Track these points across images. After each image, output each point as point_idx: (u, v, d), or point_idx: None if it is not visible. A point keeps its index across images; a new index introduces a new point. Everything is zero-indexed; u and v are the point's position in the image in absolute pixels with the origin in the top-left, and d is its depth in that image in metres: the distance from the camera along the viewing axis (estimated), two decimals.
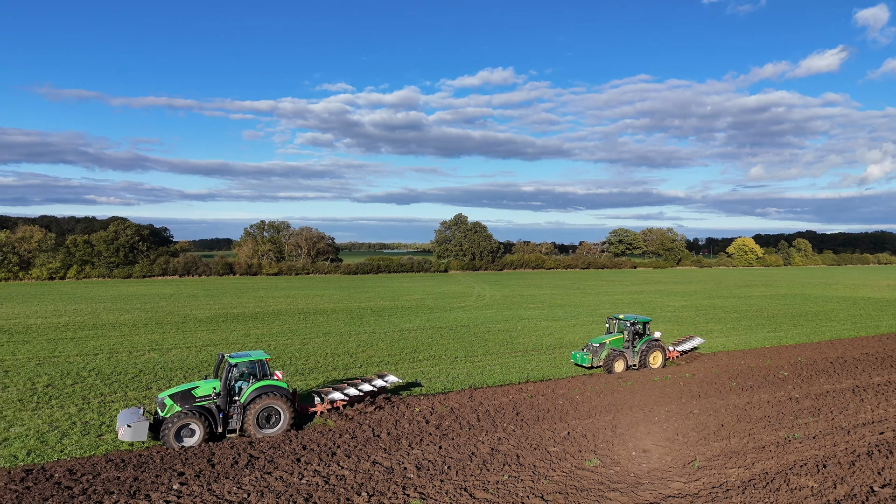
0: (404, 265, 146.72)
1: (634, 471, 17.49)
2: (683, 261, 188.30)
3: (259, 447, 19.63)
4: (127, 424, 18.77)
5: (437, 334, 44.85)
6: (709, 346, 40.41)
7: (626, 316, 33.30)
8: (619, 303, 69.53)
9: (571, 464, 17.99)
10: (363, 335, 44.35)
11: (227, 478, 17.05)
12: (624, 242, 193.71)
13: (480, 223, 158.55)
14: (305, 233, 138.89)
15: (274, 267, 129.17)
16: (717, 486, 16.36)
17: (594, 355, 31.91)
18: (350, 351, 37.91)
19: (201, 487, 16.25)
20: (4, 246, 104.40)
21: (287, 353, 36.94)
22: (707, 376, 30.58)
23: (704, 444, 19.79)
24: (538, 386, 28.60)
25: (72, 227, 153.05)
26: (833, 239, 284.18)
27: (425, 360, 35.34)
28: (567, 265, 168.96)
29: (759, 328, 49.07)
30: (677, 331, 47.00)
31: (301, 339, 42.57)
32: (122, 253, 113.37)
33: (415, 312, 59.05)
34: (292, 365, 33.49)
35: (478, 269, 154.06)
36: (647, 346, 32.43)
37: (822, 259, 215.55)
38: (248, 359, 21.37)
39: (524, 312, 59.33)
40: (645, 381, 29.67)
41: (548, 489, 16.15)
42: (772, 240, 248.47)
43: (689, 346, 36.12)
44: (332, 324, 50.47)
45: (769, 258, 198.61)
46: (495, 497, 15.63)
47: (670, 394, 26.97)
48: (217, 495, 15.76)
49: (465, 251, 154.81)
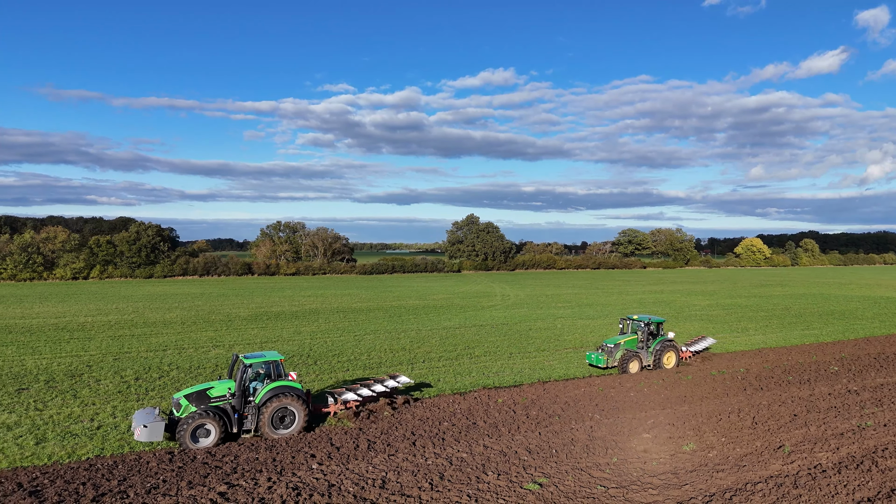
0: (418, 265, 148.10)
1: (731, 454, 18.86)
2: (692, 261, 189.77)
3: (370, 433, 21.01)
4: (143, 425, 18.78)
5: (482, 332, 46.21)
6: (749, 342, 41.81)
7: (640, 316, 33.36)
8: (645, 302, 70.92)
9: (672, 447, 19.37)
10: (410, 332, 45.71)
11: (356, 459, 18.44)
12: (633, 243, 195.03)
13: (493, 223, 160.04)
14: (322, 233, 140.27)
15: (291, 267, 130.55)
16: (812, 467, 17.72)
17: (609, 356, 31.93)
18: (405, 347, 39.26)
19: (340, 466, 17.63)
20: (29, 246, 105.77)
21: (346, 349, 38.29)
22: (761, 371, 31.96)
23: (786, 432, 21.16)
24: (604, 380, 29.99)
25: (80, 228, 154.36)
26: (836, 239, 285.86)
27: (482, 355, 36.70)
28: (578, 265, 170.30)
29: (792, 326, 50.45)
30: (712, 329, 48.40)
31: (353, 336, 43.93)
32: (144, 253, 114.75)
33: (449, 311, 60.41)
34: (357, 360, 34.84)
35: (490, 270, 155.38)
36: (662, 347, 32.50)
37: (828, 259, 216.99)
38: (262, 359, 21.40)
39: (556, 311, 60.70)
40: (703, 375, 31.04)
41: (657, 470, 17.52)
42: (775, 240, 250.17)
43: (702, 347, 36.11)
44: (373, 322, 51.82)
45: (776, 258, 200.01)
46: (613, 476, 17.01)
47: (733, 387, 28.34)
48: (357, 473, 17.13)
49: (477, 251, 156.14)
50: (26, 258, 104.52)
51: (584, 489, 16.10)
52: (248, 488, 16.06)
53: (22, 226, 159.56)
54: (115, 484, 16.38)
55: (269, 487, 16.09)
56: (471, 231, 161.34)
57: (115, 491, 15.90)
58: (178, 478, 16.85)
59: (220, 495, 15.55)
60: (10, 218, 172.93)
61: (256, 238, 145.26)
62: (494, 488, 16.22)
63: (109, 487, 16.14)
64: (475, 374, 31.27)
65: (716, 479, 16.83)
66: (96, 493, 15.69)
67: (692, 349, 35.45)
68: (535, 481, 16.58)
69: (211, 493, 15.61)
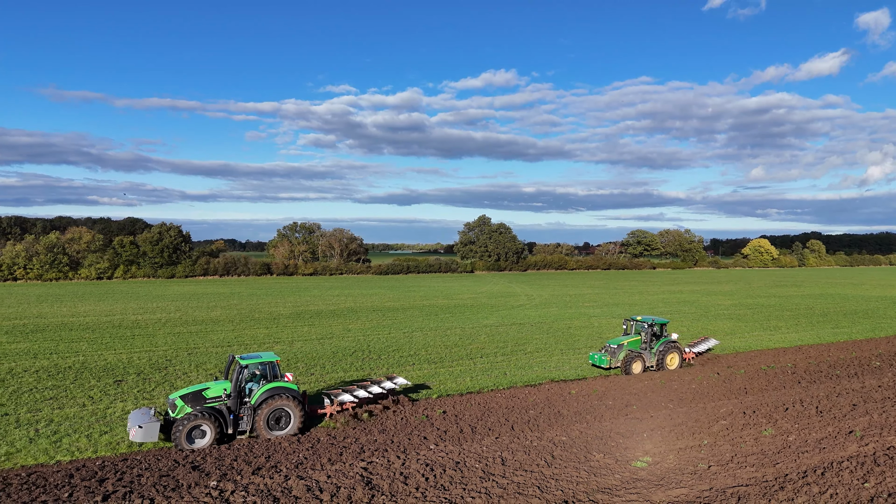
0: (432, 265, 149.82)
1: (808, 438, 20.57)
2: (700, 262, 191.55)
3: (463, 420, 22.72)
4: (138, 425, 18.78)
5: (524, 330, 47.93)
6: (785, 340, 43.55)
7: (643, 318, 33.56)
8: (669, 302, 72.65)
9: (753, 432, 21.09)
10: (454, 330, 47.42)
11: (465, 441, 20.15)
12: (642, 244, 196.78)
13: (505, 224, 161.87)
14: (338, 234, 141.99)
15: (309, 267, 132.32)
16: (886, 448, 19.40)
17: (612, 356, 32.07)
18: (456, 343, 40.96)
19: (456, 447, 19.35)
20: (55, 247, 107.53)
21: (402, 345, 39.97)
22: (808, 367, 33.69)
23: (851, 419, 22.87)
24: (662, 374, 31.73)
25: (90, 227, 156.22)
26: (838, 240, 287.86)
27: (534, 352, 38.41)
28: (588, 266, 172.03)
29: (821, 325, 52.18)
30: (744, 328, 50.15)
31: (402, 332, 45.65)
32: (167, 254, 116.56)
33: (481, 310, 62.11)
34: (418, 355, 36.53)
35: (502, 270, 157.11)
36: (665, 348, 32.65)
37: (834, 260, 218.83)
38: (258, 360, 21.30)
39: (587, 310, 62.42)
40: (754, 370, 32.77)
41: (747, 451, 19.23)
42: (778, 240, 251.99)
43: (705, 348, 36.31)
44: (414, 320, 53.52)
45: (784, 259, 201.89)
46: (710, 455, 18.72)
47: (787, 380, 30.07)
48: (475, 453, 18.84)
49: (490, 252, 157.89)
50: (52, 258, 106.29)
51: (688, 466, 17.81)
52: (384, 464, 17.78)
53: (31, 226, 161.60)
54: (264, 460, 18.13)
55: (404, 463, 17.81)
56: (483, 232, 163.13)
57: (268, 466, 17.64)
58: (316, 455, 18.58)
59: (363, 469, 17.27)
60: (20, 219, 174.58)
61: (273, 239, 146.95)
62: (605, 465, 17.93)
63: (259, 464, 17.88)
64: (537, 369, 33.00)
65: (803, 458, 18.52)
66: (252, 469, 17.43)
67: (695, 350, 35.53)
68: (641, 460, 18.29)
69: (355, 468, 17.33)
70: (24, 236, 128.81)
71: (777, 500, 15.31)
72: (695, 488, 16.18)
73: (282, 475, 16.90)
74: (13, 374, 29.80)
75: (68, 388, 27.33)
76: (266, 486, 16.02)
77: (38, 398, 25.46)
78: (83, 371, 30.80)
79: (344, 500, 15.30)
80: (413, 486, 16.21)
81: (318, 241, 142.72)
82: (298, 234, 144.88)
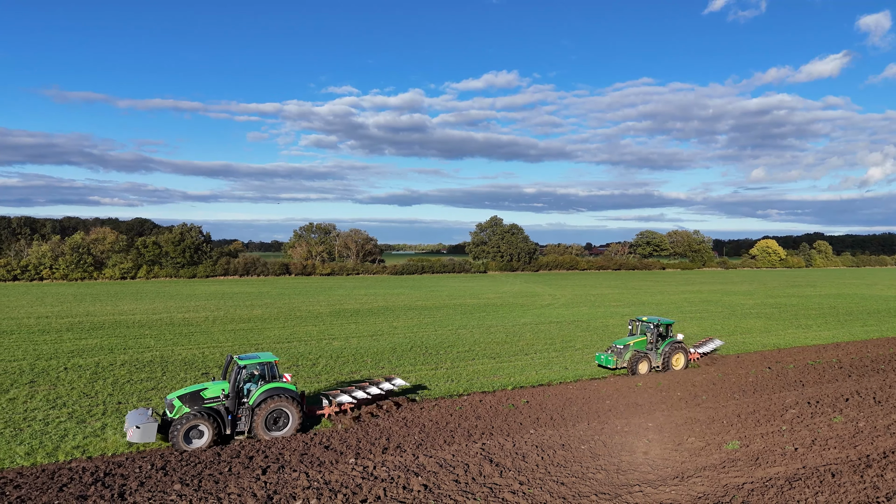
0: (445, 266, 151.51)
1: (877, 424, 22.16)
2: (708, 262, 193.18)
3: (525, 412, 24.32)
4: (136, 426, 18.81)
5: (565, 328, 49.54)
6: (820, 338, 45.17)
7: (649, 318, 33.75)
8: (693, 301, 74.25)
9: (823, 420, 22.69)
10: (496, 327, 49.01)
11: (534, 430, 21.75)
12: (651, 244, 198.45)
13: (517, 225, 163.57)
14: (355, 234, 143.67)
15: (326, 267, 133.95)
16: None
17: (618, 357, 32.30)
18: (503, 340, 42.53)
19: (557, 430, 20.95)
20: (80, 247, 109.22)
21: (456, 341, 41.56)
22: (852, 361, 35.31)
23: None
24: (718, 368, 33.36)
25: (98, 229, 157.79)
26: (841, 241, 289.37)
27: (583, 348, 39.97)
28: (599, 266, 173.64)
29: (850, 323, 53.81)
30: (775, 326, 51.75)
31: (447, 330, 47.24)
32: (188, 254, 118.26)
33: (513, 309, 63.71)
34: (473, 350, 38.10)
35: (515, 270, 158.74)
36: (671, 348, 32.81)
37: (841, 261, 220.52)
38: (256, 360, 21.26)
39: (619, 310, 64.01)
40: (803, 364, 34.38)
41: (827, 434, 20.83)
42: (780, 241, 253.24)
43: (710, 348, 36.59)
44: (451, 318, 55.11)
45: (791, 260, 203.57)
46: (791, 439, 20.31)
47: (838, 374, 31.70)
48: (576, 437, 20.45)
49: (503, 252, 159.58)
50: (77, 258, 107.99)
51: (776, 448, 19.40)
52: (497, 445, 19.38)
53: (41, 226, 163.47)
54: (385, 441, 19.77)
55: (514, 444, 19.41)
56: (494, 233, 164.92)
57: (393, 447, 19.28)
58: (431, 439, 20.21)
59: (481, 450, 18.87)
60: (30, 219, 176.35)
61: (290, 239, 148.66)
62: (699, 448, 19.52)
63: (384, 445, 19.52)
64: (593, 364, 34.57)
65: (878, 441, 20.12)
66: (381, 448, 19.07)
67: (700, 350, 35.79)
68: (731, 443, 19.89)
69: (473, 448, 18.93)
70: (34, 237, 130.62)
71: (868, 475, 16.91)
72: (790, 466, 17.78)
73: (409, 454, 18.52)
74: (102, 368, 31.41)
75: (161, 379, 28.94)
76: (401, 463, 17.63)
77: (140, 389, 27.07)
78: (166, 365, 32.40)
79: (476, 475, 16.91)
80: (533, 464, 17.81)
81: (334, 241, 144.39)
82: (314, 234, 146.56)
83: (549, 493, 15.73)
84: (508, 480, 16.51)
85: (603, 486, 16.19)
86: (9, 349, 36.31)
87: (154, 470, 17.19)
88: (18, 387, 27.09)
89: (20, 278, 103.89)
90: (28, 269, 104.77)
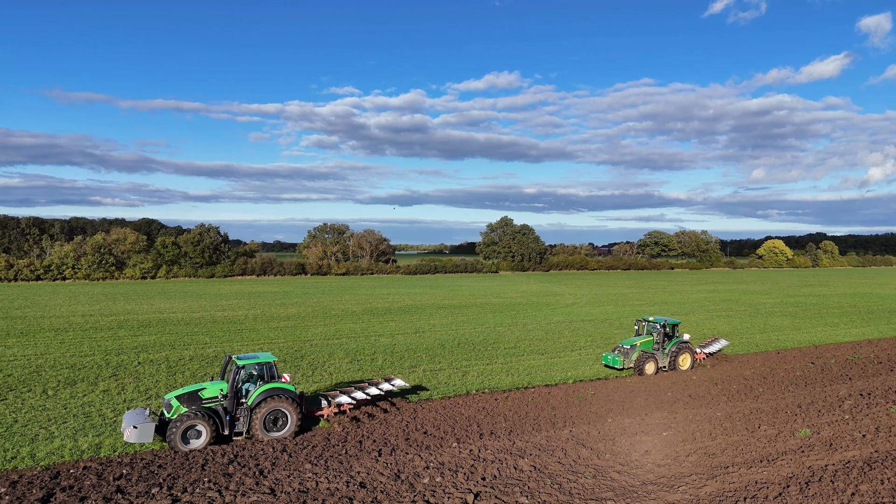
0: (458, 266, 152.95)
1: None
2: (715, 262, 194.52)
3: (594, 402, 25.62)
4: (133, 425, 18.54)
5: (600, 326, 50.85)
6: (850, 335, 46.53)
7: (655, 318, 33.91)
8: (714, 300, 75.55)
9: (879, 411, 24.00)
10: (532, 325, 50.32)
11: (612, 419, 23.05)
12: (659, 244, 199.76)
13: (528, 225, 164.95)
14: (369, 235, 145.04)
15: (341, 267, 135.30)
16: None
17: (625, 357, 32.35)
18: (543, 337, 43.82)
19: (634, 419, 22.24)
20: (102, 247, 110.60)
21: (500, 339, 42.86)
22: (889, 357, 36.64)
23: None
24: (765, 363, 34.66)
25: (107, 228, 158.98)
26: (843, 241, 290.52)
27: None
28: (609, 266, 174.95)
29: (875, 321, 55.14)
30: (802, 324, 53.05)
31: (485, 328, 48.54)
32: (207, 254, 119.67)
33: (539, 308, 65.02)
34: (518, 347, 39.39)
35: (526, 270, 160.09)
36: (677, 348, 32.89)
37: (847, 261, 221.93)
38: (255, 360, 21.13)
39: (642, 308, 65.31)
40: (843, 360, 35.68)
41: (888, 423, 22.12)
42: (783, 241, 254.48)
43: (716, 348, 36.42)
44: (486, 316, 56.40)
45: (798, 260, 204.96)
46: (857, 427, 21.62)
47: (879, 368, 33.03)
48: (649, 423, 21.74)
49: (514, 253, 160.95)
50: (99, 258, 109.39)
51: (845, 435, 20.69)
52: (585, 431, 20.69)
53: (49, 227, 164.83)
54: (476, 427, 21.08)
55: (600, 431, 20.72)
56: (505, 233, 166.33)
57: (488, 433, 20.58)
58: (524, 424, 21.51)
59: (570, 434, 20.17)
60: (38, 220, 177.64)
61: (304, 239, 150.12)
62: (771, 435, 20.81)
63: (456, 434, 20.83)
64: None
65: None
66: (453, 436, 20.37)
67: (706, 351, 35.79)
68: (802, 430, 21.19)
69: (564, 432, 20.23)
70: (42, 237, 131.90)
71: None
72: (863, 451, 19.07)
73: (505, 439, 19.83)
74: (174, 362, 32.72)
75: None
76: (502, 447, 18.93)
77: None
78: None
79: (576, 458, 18.20)
80: (625, 448, 19.10)
81: (347, 241, 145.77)
82: (328, 234, 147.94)
83: (651, 472, 17.03)
84: (609, 462, 17.82)
85: (698, 468, 17.48)
86: (74, 345, 37.62)
87: (277, 452, 18.50)
88: (104, 380, 28.40)
89: (43, 278, 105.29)
90: (51, 268, 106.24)
